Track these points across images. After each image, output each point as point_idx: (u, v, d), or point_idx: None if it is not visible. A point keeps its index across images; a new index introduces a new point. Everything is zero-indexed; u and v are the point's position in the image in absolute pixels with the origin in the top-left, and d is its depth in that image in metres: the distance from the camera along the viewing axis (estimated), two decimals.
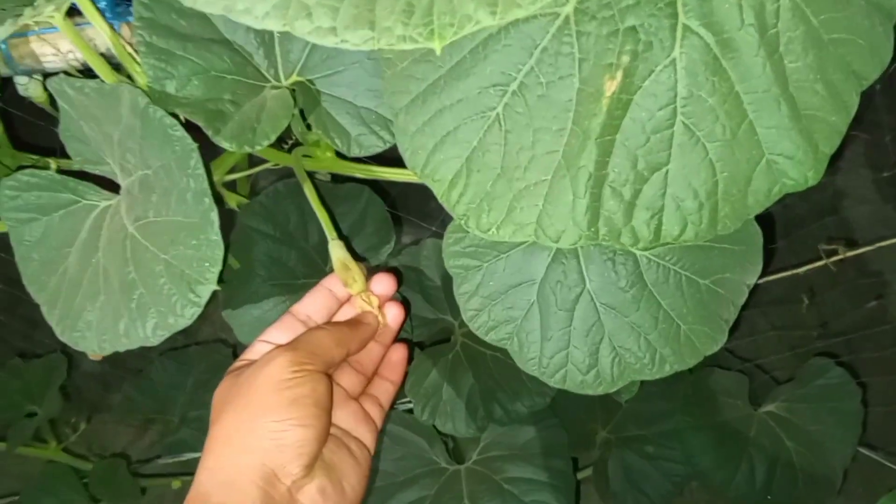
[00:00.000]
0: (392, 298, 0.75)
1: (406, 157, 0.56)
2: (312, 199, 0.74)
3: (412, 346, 1.04)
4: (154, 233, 0.62)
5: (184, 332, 0.62)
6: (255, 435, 0.58)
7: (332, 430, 0.65)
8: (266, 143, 0.63)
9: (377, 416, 0.71)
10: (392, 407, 0.75)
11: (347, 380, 0.70)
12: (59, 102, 0.67)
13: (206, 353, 1.40)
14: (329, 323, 0.71)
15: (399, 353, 0.76)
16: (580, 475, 1.31)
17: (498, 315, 0.69)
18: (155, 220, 0.62)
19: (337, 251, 0.70)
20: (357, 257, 0.96)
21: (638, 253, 0.66)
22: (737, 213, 0.52)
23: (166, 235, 0.61)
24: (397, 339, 0.76)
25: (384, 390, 0.74)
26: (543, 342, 0.68)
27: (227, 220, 0.94)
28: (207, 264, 0.59)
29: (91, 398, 1.48)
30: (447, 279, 1.04)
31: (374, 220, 0.96)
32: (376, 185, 0.99)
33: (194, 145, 0.59)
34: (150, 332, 0.61)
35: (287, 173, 0.93)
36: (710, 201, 0.52)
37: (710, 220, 0.52)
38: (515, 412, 0.99)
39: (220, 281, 0.59)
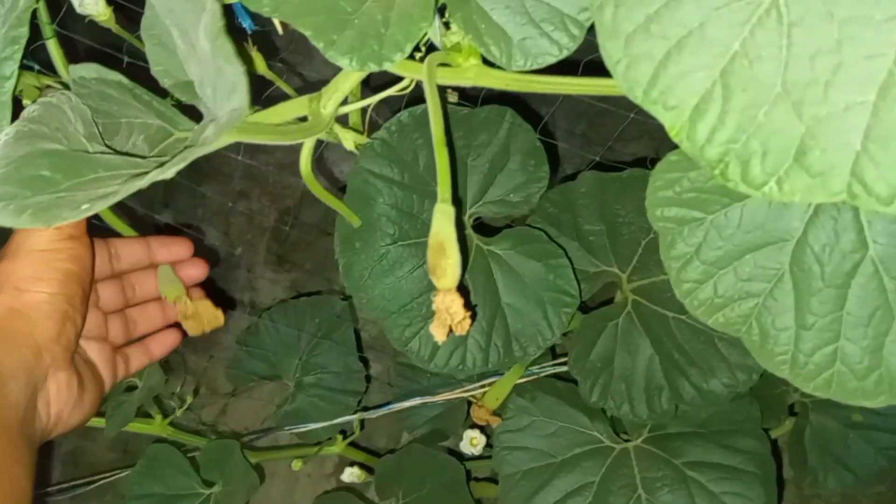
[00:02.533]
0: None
1: (618, 71, 0.37)
2: (437, 135, 0.54)
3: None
4: None
5: (289, 283, 0.48)
6: (24, 304, 0.58)
7: (81, 353, 0.65)
8: (398, 56, 0.46)
9: (120, 371, 0.69)
10: None
11: (114, 329, 0.69)
12: None
13: (319, 308, 1.24)
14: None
15: (173, 337, 0.74)
16: None
17: (729, 289, 0.48)
18: None
19: (441, 222, 0.49)
20: (498, 203, 0.77)
21: None
22: None
23: None
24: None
25: (138, 357, 0.72)
26: (799, 331, 0.46)
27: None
28: None
29: (195, 366, 1.37)
30: (611, 221, 0.84)
31: (521, 152, 0.75)
32: (523, 106, 0.78)
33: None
34: None
35: (412, 100, 0.73)
36: None
37: None
38: (711, 393, 0.78)
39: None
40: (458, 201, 0.75)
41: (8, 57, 0.55)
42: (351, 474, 1.17)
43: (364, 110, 0.72)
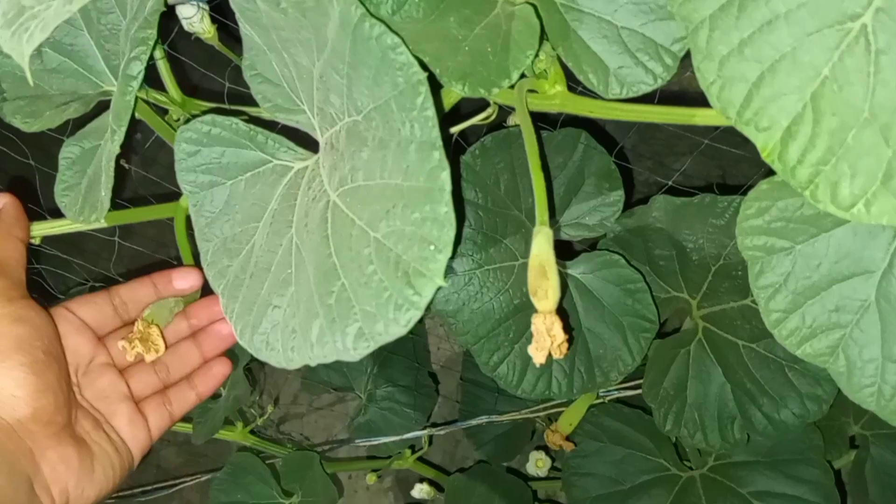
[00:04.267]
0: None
1: (712, 92, 0.40)
2: (532, 158, 0.56)
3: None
4: (363, 202, 0.46)
5: None
6: None
7: (94, 414, 0.61)
8: (506, 83, 0.48)
9: (159, 420, 0.65)
10: None
11: (140, 380, 0.65)
12: (243, 26, 0.52)
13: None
14: None
15: (223, 367, 0.69)
16: None
17: (816, 320, 0.49)
18: (365, 185, 0.46)
19: (541, 245, 0.51)
20: (574, 225, 0.79)
21: None
22: None
23: (379, 205, 0.44)
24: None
25: (184, 398, 0.67)
26: (885, 363, 0.48)
27: None
28: (433, 248, 0.41)
29: (274, 376, 1.40)
30: (681, 246, 0.86)
31: (596, 175, 0.77)
32: (596, 129, 0.80)
33: (423, 75, 0.42)
34: (352, 342, 0.45)
35: (493, 126, 0.76)
36: None
37: None
38: (782, 422, 0.79)
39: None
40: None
41: (136, 57, 0.56)
42: (421, 490, 1.20)
43: (451, 136, 0.75)
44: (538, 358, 0.50)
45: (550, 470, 1.18)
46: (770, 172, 0.43)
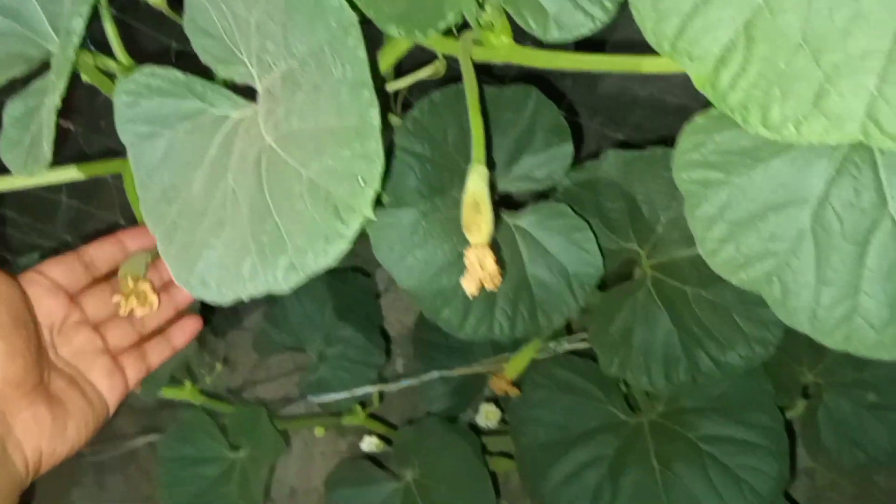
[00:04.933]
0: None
1: (647, 27, 0.40)
2: (472, 102, 0.56)
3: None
4: (297, 144, 0.47)
5: None
6: None
7: (69, 371, 0.63)
8: (443, 23, 0.49)
9: (136, 372, 0.67)
10: None
11: (115, 333, 0.67)
12: None
13: (344, 283, 1.27)
14: None
15: (194, 323, 0.72)
16: None
17: (751, 247, 0.50)
18: (299, 128, 0.47)
19: (476, 182, 0.52)
20: (523, 178, 0.79)
21: None
22: None
23: (312, 146, 0.46)
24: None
25: (158, 351, 0.70)
26: (819, 287, 0.48)
27: None
28: (362, 183, 0.42)
29: (224, 333, 1.39)
30: (632, 199, 0.87)
31: (546, 130, 0.77)
32: (547, 86, 0.80)
33: (354, 18, 0.43)
34: (282, 274, 0.46)
35: (443, 81, 0.76)
36: None
37: None
38: (728, 365, 0.80)
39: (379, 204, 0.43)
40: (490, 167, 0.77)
41: (77, 13, 0.56)
42: (370, 443, 1.20)
43: (397, 92, 0.74)
44: (470, 289, 0.51)
45: (501, 423, 1.18)
46: None
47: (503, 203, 0.80)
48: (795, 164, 0.48)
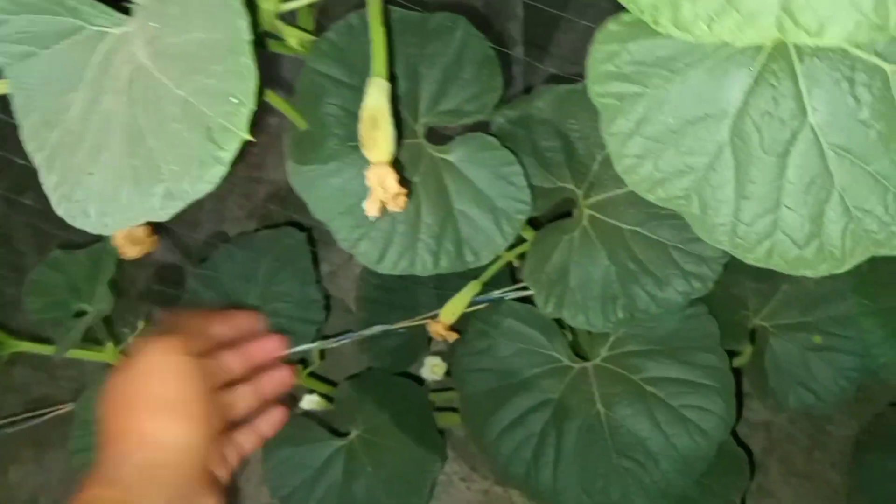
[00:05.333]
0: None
1: None
2: (373, 11, 0.52)
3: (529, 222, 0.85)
4: (171, 61, 0.43)
5: (249, 214, 0.47)
6: (160, 431, 0.59)
7: None
8: None
9: (233, 460, 0.67)
10: None
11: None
12: None
13: (278, 239, 1.21)
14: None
15: (281, 413, 0.72)
16: None
17: (669, 163, 0.47)
18: (173, 43, 0.44)
19: (374, 96, 0.49)
20: (452, 112, 0.75)
21: (888, 67, 0.43)
22: None
23: (184, 63, 0.42)
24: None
25: (250, 440, 0.70)
26: (739, 201, 0.46)
27: (293, 67, 0.74)
28: (235, 101, 0.39)
29: (150, 292, 1.34)
30: (567, 136, 0.84)
31: (474, 62, 0.74)
32: (475, 14, 0.77)
33: None
34: (159, 202, 0.43)
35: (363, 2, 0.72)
36: None
37: None
38: (666, 300, 0.78)
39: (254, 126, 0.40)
40: (413, 103, 0.74)
41: None
42: (311, 402, 1.15)
43: (312, 8, 0.70)
44: (371, 210, 0.48)
45: (447, 376, 1.16)
46: None
47: (431, 138, 0.76)
48: (713, 74, 0.45)
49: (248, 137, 0.40)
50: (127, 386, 0.61)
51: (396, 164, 0.57)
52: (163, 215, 0.43)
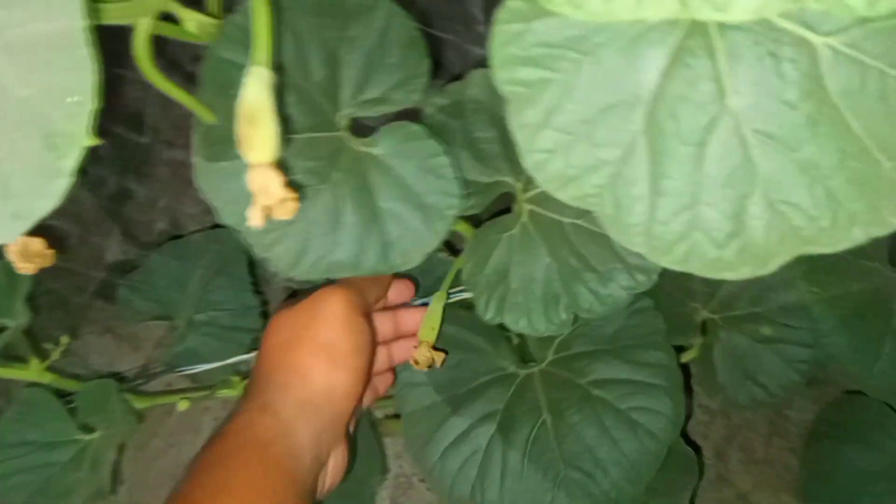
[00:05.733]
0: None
1: None
2: None
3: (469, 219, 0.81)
4: (12, 57, 0.38)
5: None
6: (317, 374, 0.64)
7: None
8: None
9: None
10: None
11: None
12: None
13: (210, 244, 1.16)
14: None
15: (392, 377, 0.85)
16: None
17: (581, 158, 0.43)
18: (15, 38, 0.38)
19: (252, 88, 0.44)
20: (377, 101, 0.71)
21: (816, 40, 0.39)
22: None
23: (24, 59, 0.37)
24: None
25: (366, 398, 0.77)
26: (655, 198, 0.42)
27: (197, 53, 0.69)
28: (74, 100, 0.35)
29: (77, 305, 1.28)
30: (504, 127, 0.79)
31: (399, 45, 0.69)
32: None
33: None
34: (9, 224, 0.38)
35: None
36: None
37: None
38: (610, 297, 0.74)
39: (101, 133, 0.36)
40: (333, 92, 0.69)
41: None
42: None
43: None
44: (254, 219, 0.44)
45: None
46: None
47: (356, 130, 0.72)
48: (626, 55, 0.41)
49: (92, 143, 0.35)
50: (299, 326, 0.66)
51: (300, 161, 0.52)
52: (8, 237, 0.39)
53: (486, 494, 0.87)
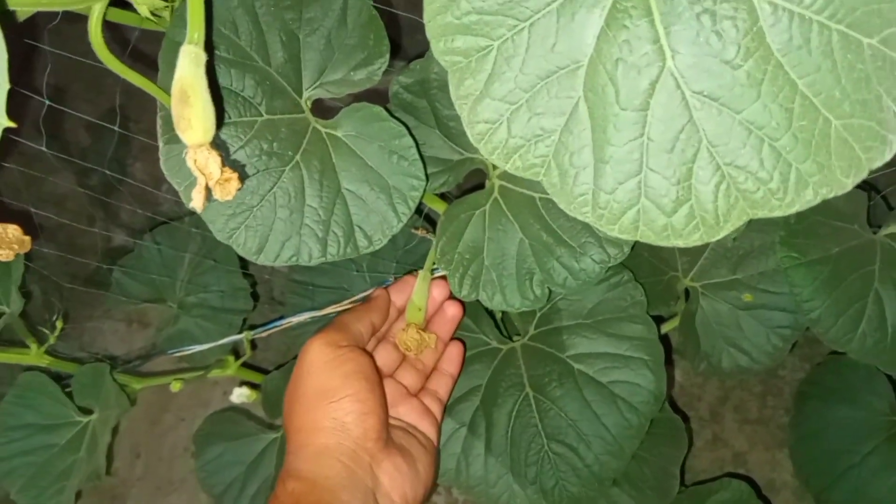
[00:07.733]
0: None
1: None
2: None
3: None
4: None
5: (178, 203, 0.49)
6: (321, 419, 0.67)
7: (397, 423, 0.74)
8: None
9: (437, 409, 0.80)
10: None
11: (408, 378, 0.79)
12: None
13: (202, 227, 1.15)
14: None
15: (457, 348, 0.84)
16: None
17: (524, 128, 0.42)
18: None
19: (184, 67, 0.43)
20: (339, 82, 0.70)
21: None
22: None
23: None
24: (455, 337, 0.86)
25: (443, 384, 0.82)
26: (599, 166, 0.41)
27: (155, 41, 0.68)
28: None
29: (74, 290, 1.28)
30: None
31: (359, 25, 0.68)
32: None
33: None
34: None
35: None
36: None
37: None
38: (584, 271, 0.74)
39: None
40: (295, 74, 0.68)
41: None
42: (240, 395, 1.10)
43: None
44: (196, 202, 0.43)
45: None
46: None
47: (323, 113, 0.71)
48: (563, 20, 0.40)
49: (8, 124, 0.34)
50: (292, 387, 0.71)
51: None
52: None
53: (470, 469, 0.87)
